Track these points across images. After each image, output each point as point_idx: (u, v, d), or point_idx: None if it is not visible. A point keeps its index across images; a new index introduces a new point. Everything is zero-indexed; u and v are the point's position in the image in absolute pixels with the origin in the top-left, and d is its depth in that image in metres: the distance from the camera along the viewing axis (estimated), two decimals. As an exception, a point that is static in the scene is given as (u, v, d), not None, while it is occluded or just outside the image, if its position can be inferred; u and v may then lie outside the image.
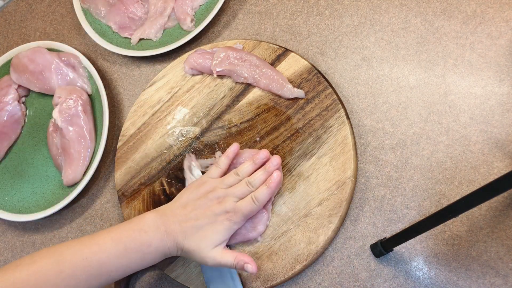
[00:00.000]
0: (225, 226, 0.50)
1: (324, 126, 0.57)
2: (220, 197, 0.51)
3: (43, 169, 0.67)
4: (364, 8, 0.64)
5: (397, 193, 0.55)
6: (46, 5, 0.79)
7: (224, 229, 0.50)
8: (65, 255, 0.46)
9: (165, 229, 0.49)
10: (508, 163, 0.53)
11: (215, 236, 0.49)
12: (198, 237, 0.49)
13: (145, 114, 0.65)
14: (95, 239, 0.48)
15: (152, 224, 0.49)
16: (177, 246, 0.49)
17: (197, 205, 0.51)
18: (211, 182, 0.53)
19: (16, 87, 0.69)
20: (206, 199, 0.51)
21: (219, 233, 0.50)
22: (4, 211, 0.65)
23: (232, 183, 0.53)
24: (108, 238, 0.48)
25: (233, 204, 0.50)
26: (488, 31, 0.58)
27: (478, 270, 0.51)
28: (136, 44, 0.70)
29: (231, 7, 0.70)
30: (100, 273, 0.46)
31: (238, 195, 0.51)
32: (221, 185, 0.52)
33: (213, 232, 0.49)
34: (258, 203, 0.51)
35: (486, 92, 0.56)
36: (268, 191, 0.51)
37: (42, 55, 0.68)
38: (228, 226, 0.50)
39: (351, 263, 0.54)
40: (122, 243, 0.47)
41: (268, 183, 0.52)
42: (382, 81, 0.60)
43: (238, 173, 0.53)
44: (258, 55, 0.62)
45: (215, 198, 0.51)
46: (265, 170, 0.53)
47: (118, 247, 0.47)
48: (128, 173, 0.63)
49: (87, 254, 0.46)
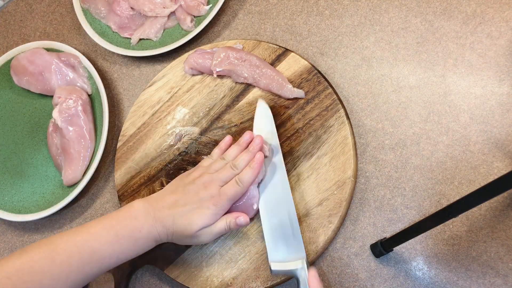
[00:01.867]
0: (211, 211, 0.51)
1: (324, 126, 0.57)
2: (206, 182, 0.52)
3: (43, 169, 0.67)
4: (364, 8, 0.64)
5: (397, 193, 0.55)
6: (46, 5, 0.79)
7: (210, 213, 0.51)
8: (57, 243, 0.46)
9: (154, 215, 0.50)
10: (508, 163, 0.53)
11: (201, 220, 0.50)
12: (185, 220, 0.50)
13: (145, 114, 0.65)
14: (86, 228, 0.48)
15: (142, 210, 0.50)
16: (167, 231, 0.50)
17: (186, 190, 0.52)
18: (200, 169, 0.55)
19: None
20: (194, 185, 0.52)
21: (205, 218, 0.50)
22: (4, 211, 0.65)
23: (218, 168, 0.54)
24: (99, 227, 0.48)
25: (217, 189, 0.51)
26: (488, 31, 0.58)
27: (478, 270, 0.51)
28: (136, 44, 0.70)
29: (231, 7, 0.70)
30: (92, 260, 0.47)
31: (224, 179, 0.52)
32: (208, 171, 0.54)
33: (199, 216, 0.50)
34: (242, 184, 0.52)
35: (486, 92, 0.56)
36: (252, 171, 0.52)
37: (42, 56, 0.68)
38: (214, 211, 0.51)
39: (351, 263, 0.54)
40: (113, 230, 0.48)
41: (251, 164, 0.53)
42: (382, 81, 0.60)
43: (224, 157, 0.55)
44: (258, 55, 0.62)
45: (202, 184, 0.52)
46: (248, 151, 0.54)
47: (110, 234, 0.48)
48: (128, 173, 0.63)
49: (80, 242, 0.47)
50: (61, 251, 0.46)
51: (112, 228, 0.48)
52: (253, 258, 0.55)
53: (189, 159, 0.62)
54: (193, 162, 0.61)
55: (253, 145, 0.54)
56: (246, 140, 0.55)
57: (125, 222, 0.49)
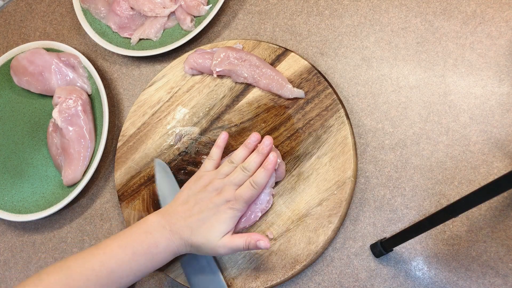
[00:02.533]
0: (229, 215, 0.50)
1: (324, 126, 0.57)
2: (218, 188, 0.51)
3: (43, 169, 0.67)
4: (364, 8, 0.64)
5: (397, 193, 0.55)
6: (46, 5, 0.79)
7: (228, 217, 0.50)
8: (72, 268, 0.45)
9: (170, 228, 0.49)
10: (508, 163, 0.53)
11: (221, 226, 0.49)
12: (205, 229, 0.49)
13: (145, 114, 0.65)
14: (101, 249, 0.47)
15: (157, 225, 0.49)
16: (185, 243, 0.49)
17: (198, 199, 0.51)
18: (208, 175, 0.53)
19: None
20: (206, 192, 0.51)
21: (224, 223, 0.49)
22: (4, 211, 0.65)
23: (228, 172, 0.53)
24: (114, 245, 0.47)
25: (232, 192, 0.50)
26: (488, 31, 0.58)
27: (478, 270, 0.51)
28: (136, 44, 0.70)
29: (231, 7, 0.70)
30: (110, 281, 0.46)
31: (236, 183, 0.51)
32: (217, 176, 0.52)
33: (218, 222, 0.49)
34: (257, 187, 0.51)
35: (486, 92, 0.56)
36: (266, 173, 0.51)
37: (41, 56, 0.68)
38: (232, 214, 0.50)
39: (351, 263, 0.54)
40: (130, 248, 0.47)
41: (265, 165, 0.51)
42: (382, 81, 0.60)
43: (232, 160, 0.53)
44: (258, 55, 0.62)
45: (214, 190, 0.51)
46: (258, 152, 0.52)
47: (127, 253, 0.47)
48: (128, 173, 0.63)
49: (96, 265, 0.46)
50: (77, 276, 0.45)
51: (128, 246, 0.47)
52: (253, 258, 0.55)
53: (189, 159, 0.62)
54: (193, 162, 0.61)
55: (262, 146, 0.52)
56: (253, 141, 0.54)
57: (140, 239, 0.48)
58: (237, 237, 0.49)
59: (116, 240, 0.48)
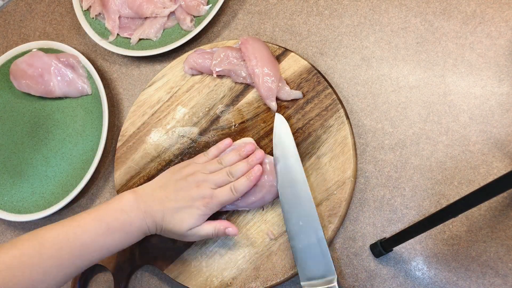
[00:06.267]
0: (200, 212, 0.51)
1: (324, 126, 0.57)
2: (199, 181, 0.52)
3: (43, 169, 0.67)
4: (364, 8, 0.64)
5: (397, 193, 0.55)
6: (46, 5, 0.79)
7: (199, 214, 0.51)
8: (47, 237, 0.46)
9: (144, 210, 0.50)
10: (507, 163, 0.53)
11: (191, 220, 0.51)
12: (176, 219, 0.50)
13: (144, 114, 0.65)
14: (76, 221, 0.48)
15: (133, 203, 0.50)
16: (156, 225, 0.51)
17: (177, 187, 0.52)
18: (194, 166, 0.54)
19: None
20: (186, 182, 0.52)
21: (194, 218, 0.51)
22: (3, 211, 0.65)
23: (213, 170, 0.54)
24: (89, 219, 0.48)
25: (210, 191, 0.52)
26: (487, 31, 0.58)
27: (478, 270, 0.51)
28: (135, 44, 0.70)
29: (230, 7, 0.70)
30: (83, 253, 0.47)
31: (217, 183, 0.52)
32: (202, 170, 0.53)
33: (189, 216, 0.51)
34: (236, 193, 0.52)
35: (485, 92, 0.56)
36: (248, 183, 0.52)
37: (40, 58, 0.68)
38: (203, 212, 0.51)
39: (350, 263, 0.54)
40: (104, 222, 0.48)
41: (249, 176, 0.52)
42: (382, 81, 0.60)
43: (221, 161, 0.54)
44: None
45: (194, 182, 0.52)
46: (247, 162, 0.53)
47: (101, 227, 0.48)
48: (127, 173, 0.63)
49: (70, 235, 0.46)
50: (50, 244, 0.45)
51: (103, 221, 0.48)
52: (252, 258, 0.55)
53: (188, 159, 0.62)
54: (192, 162, 0.61)
55: (253, 158, 0.54)
56: (247, 151, 0.55)
57: (115, 215, 0.49)
58: (206, 225, 0.51)
59: (92, 214, 0.49)
